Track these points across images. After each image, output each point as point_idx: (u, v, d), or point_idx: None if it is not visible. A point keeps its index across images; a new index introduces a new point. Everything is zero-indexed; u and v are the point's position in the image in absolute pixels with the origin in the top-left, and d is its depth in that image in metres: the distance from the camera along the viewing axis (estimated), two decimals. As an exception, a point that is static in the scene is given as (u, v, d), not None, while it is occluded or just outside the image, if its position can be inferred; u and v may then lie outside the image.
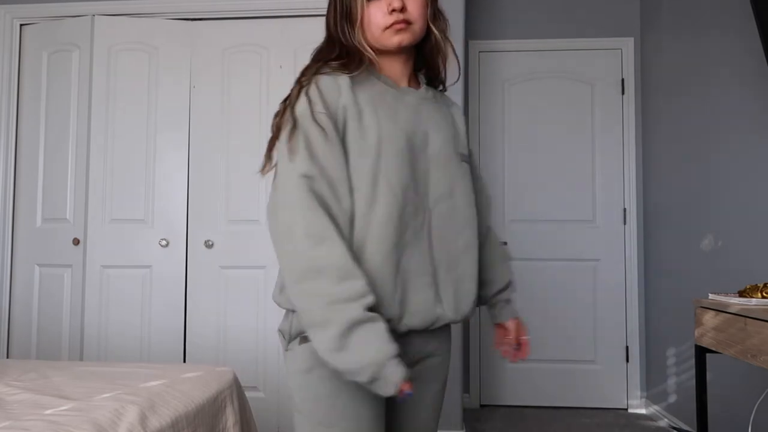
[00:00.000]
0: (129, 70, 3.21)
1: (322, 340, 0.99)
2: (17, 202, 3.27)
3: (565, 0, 3.87)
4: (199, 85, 3.20)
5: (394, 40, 1.16)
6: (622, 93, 3.83)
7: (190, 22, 3.24)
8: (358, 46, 1.16)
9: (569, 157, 3.82)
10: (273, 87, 3.15)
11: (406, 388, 1.00)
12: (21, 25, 3.31)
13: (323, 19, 1.26)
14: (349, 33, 1.17)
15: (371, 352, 0.97)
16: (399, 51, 1.19)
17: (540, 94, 3.86)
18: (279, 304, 1.15)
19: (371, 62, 1.17)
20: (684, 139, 3.18)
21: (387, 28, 1.15)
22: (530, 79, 3.87)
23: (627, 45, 3.82)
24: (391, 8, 1.13)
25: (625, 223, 3.78)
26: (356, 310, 0.98)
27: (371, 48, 1.17)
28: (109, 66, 3.20)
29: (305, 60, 1.25)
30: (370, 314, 0.99)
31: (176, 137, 3.19)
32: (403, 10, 1.14)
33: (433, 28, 1.21)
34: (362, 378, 0.99)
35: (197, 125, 3.19)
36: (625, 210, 3.78)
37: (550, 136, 3.83)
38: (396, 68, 1.22)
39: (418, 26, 1.18)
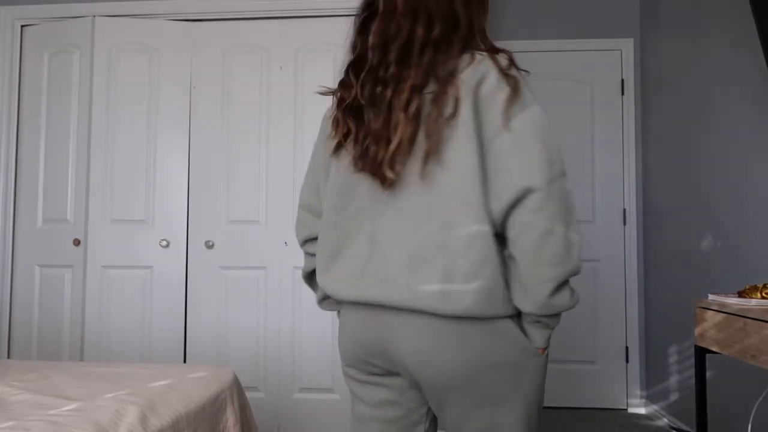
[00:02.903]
0: (129, 71, 3.21)
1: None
2: (18, 203, 3.27)
3: (564, 1, 3.87)
4: (199, 85, 3.21)
5: None
6: (622, 93, 3.83)
7: (190, 23, 3.24)
8: (486, 32, 1.20)
9: (569, 157, 3.82)
10: (273, 88, 3.15)
11: None
12: (22, 26, 3.32)
13: (323, 20, 1.26)
14: (481, 17, 1.20)
15: None
16: None
17: (540, 95, 3.83)
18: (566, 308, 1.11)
19: None
20: (684, 140, 3.19)
21: None
22: (530, 79, 3.85)
23: (627, 46, 3.83)
24: None
25: (625, 224, 3.78)
26: None
27: None
28: (109, 67, 3.21)
29: (306, 61, 1.26)
30: None
31: (176, 138, 3.20)
32: None
33: None
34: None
35: (197, 126, 3.20)
36: (624, 210, 3.79)
37: (550, 136, 3.83)
38: None
39: None
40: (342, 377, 3.02)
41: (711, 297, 2.00)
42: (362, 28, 1.17)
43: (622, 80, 3.83)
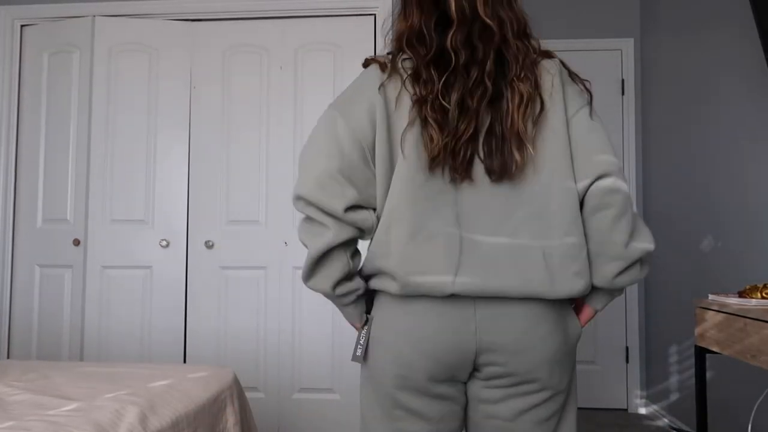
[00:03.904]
0: (129, 71, 3.21)
1: None
2: (18, 203, 3.27)
3: (564, 1, 3.87)
4: (199, 85, 3.21)
5: None
6: (622, 93, 3.83)
7: (190, 22, 3.24)
8: None
9: (569, 158, 3.82)
10: (273, 88, 3.15)
11: None
12: (21, 25, 3.31)
13: (323, 20, 1.25)
14: None
15: None
16: None
17: (540, 95, 3.86)
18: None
19: None
20: (684, 140, 3.19)
21: None
22: (530, 79, 3.87)
23: (627, 45, 3.83)
24: None
25: (625, 224, 3.78)
26: None
27: None
28: (109, 67, 3.20)
29: (306, 61, 1.24)
30: None
31: (176, 138, 3.20)
32: None
33: None
34: None
35: (197, 126, 3.20)
36: (625, 210, 3.78)
37: (550, 136, 3.83)
38: None
39: None
40: (341, 378, 3.03)
41: (711, 297, 2.00)
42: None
43: (622, 80, 3.83)
